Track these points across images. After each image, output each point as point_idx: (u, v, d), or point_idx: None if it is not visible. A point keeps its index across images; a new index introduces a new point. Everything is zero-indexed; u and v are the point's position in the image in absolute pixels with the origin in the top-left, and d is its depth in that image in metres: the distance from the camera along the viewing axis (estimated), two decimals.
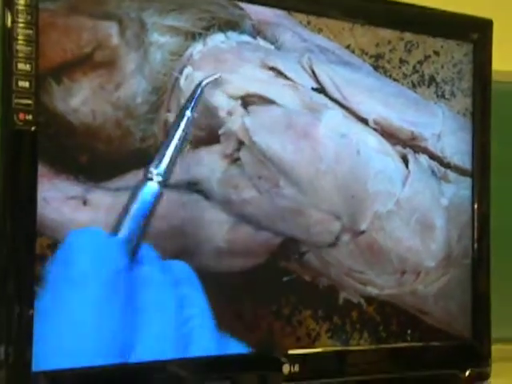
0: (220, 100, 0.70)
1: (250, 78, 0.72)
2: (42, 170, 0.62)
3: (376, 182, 0.77)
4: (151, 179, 0.66)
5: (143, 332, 0.62)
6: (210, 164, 0.70)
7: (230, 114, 0.71)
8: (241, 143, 0.71)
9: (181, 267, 0.67)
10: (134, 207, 0.65)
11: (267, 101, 0.73)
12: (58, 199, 0.63)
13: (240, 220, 0.71)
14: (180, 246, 0.69)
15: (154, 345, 0.63)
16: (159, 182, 0.66)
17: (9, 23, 0.61)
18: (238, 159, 0.71)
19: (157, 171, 0.66)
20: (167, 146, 0.67)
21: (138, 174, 0.66)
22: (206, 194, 0.70)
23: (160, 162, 0.66)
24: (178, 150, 0.67)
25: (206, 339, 0.66)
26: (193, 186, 0.69)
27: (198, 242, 0.69)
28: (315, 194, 0.74)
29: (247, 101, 0.72)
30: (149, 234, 0.66)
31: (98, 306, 0.60)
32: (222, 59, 0.71)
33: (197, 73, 0.70)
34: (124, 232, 0.64)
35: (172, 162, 0.67)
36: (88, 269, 0.60)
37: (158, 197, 0.66)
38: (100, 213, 0.65)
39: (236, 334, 0.71)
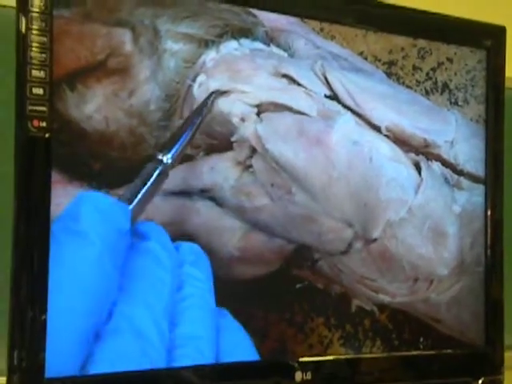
0: (233, 107, 0.70)
1: (262, 85, 0.72)
2: (55, 176, 0.62)
3: (388, 189, 0.77)
4: (160, 161, 0.66)
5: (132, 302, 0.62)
6: (222, 171, 0.70)
7: (242, 121, 0.71)
8: (253, 150, 0.71)
9: (190, 248, 0.67)
10: (143, 183, 0.65)
11: (280, 108, 0.73)
12: None
13: (253, 227, 0.71)
14: None
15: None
16: (164, 166, 0.66)
17: (23, 30, 0.61)
18: (250, 166, 0.71)
19: (164, 156, 0.66)
20: (179, 135, 0.68)
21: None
22: (219, 202, 0.70)
23: (169, 148, 0.67)
24: (187, 140, 0.68)
25: (199, 319, 0.65)
26: (205, 193, 0.69)
27: (210, 250, 0.69)
28: (327, 201, 0.74)
29: (260, 108, 0.72)
30: None
31: (99, 264, 0.59)
32: (235, 67, 0.71)
33: (210, 80, 0.70)
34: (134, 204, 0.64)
35: (179, 151, 0.67)
36: (94, 226, 0.60)
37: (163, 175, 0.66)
38: None
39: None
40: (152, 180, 0.65)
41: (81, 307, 0.58)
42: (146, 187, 0.65)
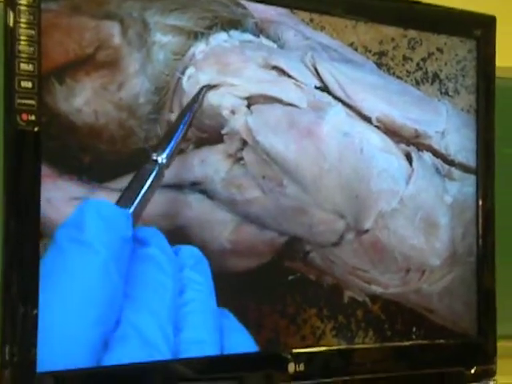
0: (222, 100, 0.70)
1: (252, 77, 0.72)
2: (45, 170, 0.62)
3: (379, 180, 0.77)
4: (156, 161, 0.66)
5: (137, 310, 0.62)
6: (213, 164, 0.70)
7: (232, 113, 0.71)
8: (244, 143, 0.71)
9: (190, 252, 0.67)
10: (140, 186, 0.65)
11: (270, 100, 0.72)
12: (61, 200, 0.63)
13: (244, 220, 0.71)
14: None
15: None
16: (159, 167, 0.66)
17: (11, 23, 0.60)
18: (241, 159, 0.71)
19: (158, 156, 0.66)
20: (171, 134, 0.68)
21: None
22: (210, 194, 0.70)
23: (163, 148, 0.67)
24: (179, 138, 0.68)
25: (202, 323, 0.66)
26: (196, 186, 0.69)
27: (202, 243, 0.69)
28: (319, 192, 0.74)
29: (250, 100, 0.71)
30: None
31: (103, 272, 0.59)
32: (225, 59, 0.71)
33: (199, 73, 0.70)
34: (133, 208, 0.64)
35: (173, 150, 0.67)
36: (98, 234, 0.60)
37: (159, 176, 0.66)
38: None
39: None
40: (149, 182, 0.65)
41: (89, 316, 0.58)
42: (143, 190, 0.64)
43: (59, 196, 0.63)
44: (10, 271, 0.60)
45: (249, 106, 0.71)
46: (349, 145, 0.76)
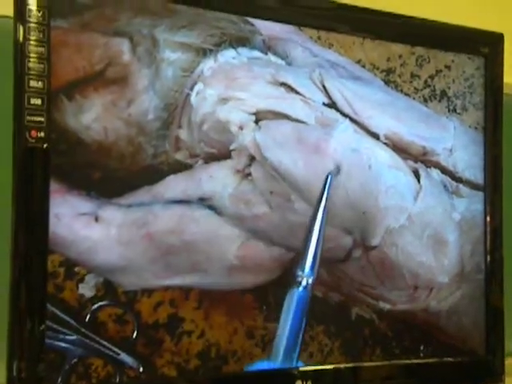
0: (230, 115, 0.70)
1: (260, 93, 0.72)
2: (54, 186, 0.62)
3: (387, 197, 0.77)
4: (300, 283, 0.70)
5: None
6: (221, 179, 0.70)
7: (240, 129, 0.71)
8: (252, 159, 0.71)
9: None
10: (287, 320, 0.70)
11: (278, 116, 0.73)
12: (69, 215, 0.63)
13: (252, 235, 0.71)
14: (192, 261, 0.69)
15: None
16: (307, 285, 0.71)
17: (21, 40, 0.61)
18: (249, 174, 0.71)
19: (304, 273, 0.70)
20: (308, 244, 0.72)
21: (151, 190, 0.67)
22: (218, 210, 0.70)
23: (304, 262, 0.70)
24: (320, 244, 0.72)
25: None
26: (204, 202, 0.69)
27: (209, 258, 0.69)
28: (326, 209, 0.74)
29: (258, 116, 0.72)
30: (160, 250, 0.67)
31: None
32: (233, 75, 0.71)
33: (208, 89, 0.70)
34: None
35: (315, 258, 0.71)
36: None
37: (308, 300, 0.70)
38: (112, 229, 0.65)
39: (248, 349, 0.71)
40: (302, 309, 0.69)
41: None
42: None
43: (68, 211, 0.63)
44: (18, 286, 0.60)
45: (257, 122, 0.71)
46: (357, 161, 0.76)
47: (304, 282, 0.69)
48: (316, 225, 0.71)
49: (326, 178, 0.72)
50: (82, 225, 0.64)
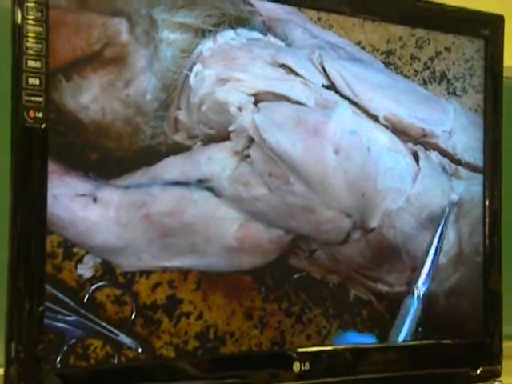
0: (230, 97, 0.70)
1: (260, 75, 0.72)
2: (52, 167, 0.62)
3: (386, 179, 0.77)
4: (413, 293, 0.76)
5: None
6: (220, 161, 0.70)
7: (239, 110, 0.70)
8: (251, 140, 0.71)
9: None
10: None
11: (277, 98, 0.72)
12: (68, 196, 0.63)
13: (250, 217, 0.71)
14: (190, 243, 0.69)
15: None
16: (419, 296, 0.77)
17: (19, 20, 0.61)
18: (248, 156, 0.71)
19: (418, 285, 0.77)
20: (425, 261, 0.78)
21: (149, 172, 0.67)
22: (217, 191, 0.70)
23: (420, 275, 0.77)
24: (435, 262, 0.78)
25: None
26: (203, 184, 0.69)
27: (208, 240, 0.69)
28: (325, 191, 0.74)
29: (257, 98, 0.71)
30: (158, 231, 0.67)
31: None
32: (232, 56, 0.71)
33: (207, 70, 0.70)
34: None
35: (430, 274, 0.77)
36: None
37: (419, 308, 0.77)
38: (110, 210, 0.65)
39: (246, 331, 0.71)
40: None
41: None
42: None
43: (66, 192, 0.63)
44: (16, 267, 0.60)
45: (256, 104, 0.71)
46: (356, 143, 0.75)
47: (416, 293, 0.77)
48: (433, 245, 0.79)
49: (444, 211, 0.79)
50: (80, 206, 0.63)
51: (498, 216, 0.86)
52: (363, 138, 0.76)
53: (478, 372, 0.84)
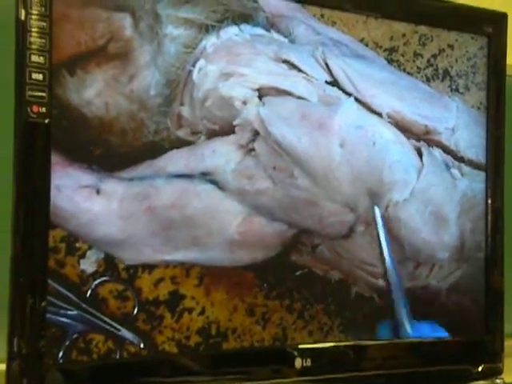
0: (234, 91, 0.70)
1: (263, 70, 0.72)
2: (55, 160, 0.62)
3: (392, 171, 0.77)
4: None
5: None
6: (224, 154, 0.70)
7: (244, 104, 0.70)
8: (256, 134, 0.71)
9: None
10: None
11: (281, 93, 0.72)
12: (71, 188, 0.63)
13: (254, 211, 0.71)
14: (193, 236, 0.69)
15: None
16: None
17: (22, 15, 0.61)
18: (252, 150, 0.71)
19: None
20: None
21: (153, 164, 0.67)
22: (220, 185, 0.70)
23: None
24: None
25: None
26: (207, 176, 0.69)
27: (211, 233, 0.69)
28: (330, 184, 0.74)
29: (261, 92, 0.71)
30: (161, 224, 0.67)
31: None
32: (236, 52, 0.71)
33: (210, 65, 0.70)
34: None
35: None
36: None
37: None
38: (113, 202, 0.65)
39: (248, 327, 0.71)
40: None
41: None
42: None
43: (69, 184, 0.63)
44: (19, 261, 0.60)
45: (260, 98, 0.71)
46: (361, 137, 0.76)
47: None
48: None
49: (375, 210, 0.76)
50: (83, 197, 0.63)
51: (501, 213, 0.86)
52: (368, 133, 0.76)
53: (480, 369, 0.84)
